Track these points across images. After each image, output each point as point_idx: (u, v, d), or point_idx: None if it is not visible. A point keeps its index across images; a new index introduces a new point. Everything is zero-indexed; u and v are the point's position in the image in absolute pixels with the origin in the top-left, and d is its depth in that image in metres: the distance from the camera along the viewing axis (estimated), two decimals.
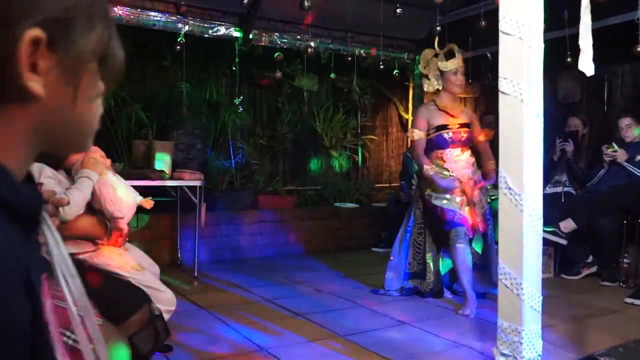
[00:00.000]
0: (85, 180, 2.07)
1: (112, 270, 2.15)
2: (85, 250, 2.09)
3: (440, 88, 3.87)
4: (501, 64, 2.53)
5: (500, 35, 2.52)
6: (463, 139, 3.85)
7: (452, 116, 3.85)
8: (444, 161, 3.82)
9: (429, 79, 3.91)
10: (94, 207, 2.12)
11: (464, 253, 3.67)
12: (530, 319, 2.43)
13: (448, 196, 3.71)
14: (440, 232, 3.87)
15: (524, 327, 2.41)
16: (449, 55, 3.85)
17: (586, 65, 2.48)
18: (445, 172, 3.78)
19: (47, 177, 1.98)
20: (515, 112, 2.46)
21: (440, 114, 3.86)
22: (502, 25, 2.50)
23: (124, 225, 2.15)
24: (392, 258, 4.17)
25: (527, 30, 2.43)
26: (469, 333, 3.23)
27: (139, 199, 2.30)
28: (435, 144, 3.86)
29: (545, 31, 2.79)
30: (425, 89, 4.01)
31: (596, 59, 2.53)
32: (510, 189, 2.44)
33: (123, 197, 2.15)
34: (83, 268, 1.96)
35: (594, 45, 2.53)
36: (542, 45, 2.48)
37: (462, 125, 3.87)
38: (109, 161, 2.29)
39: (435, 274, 4.07)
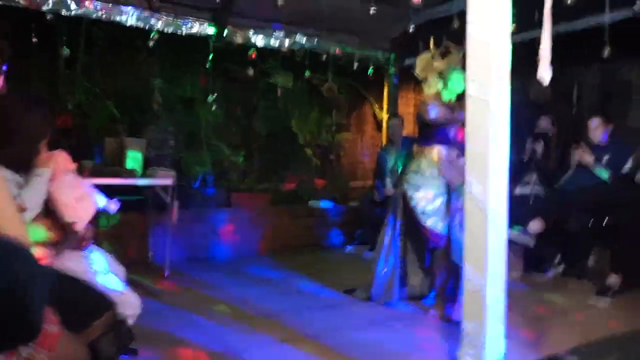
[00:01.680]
0: (35, 177, 2.05)
1: (74, 274, 2.12)
2: (46, 254, 2.06)
3: (442, 88, 3.65)
4: (468, 66, 2.55)
5: (468, 37, 2.53)
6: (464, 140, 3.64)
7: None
8: (439, 158, 3.58)
9: (427, 81, 3.70)
10: (49, 208, 2.09)
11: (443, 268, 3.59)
12: (494, 320, 2.46)
13: (434, 217, 3.52)
14: (422, 244, 3.72)
15: (488, 328, 2.44)
16: (445, 54, 3.66)
17: (544, 71, 2.50)
18: (435, 171, 3.55)
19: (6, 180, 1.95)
20: (482, 115, 2.48)
21: (446, 109, 3.59)
22: (470, 27, 2.51)
23: (79, 228, 2.12)
24: (386, 269, 3.80)
25: (494, 32, 2.45)
26: (438, 334, 3.26)
27: (102, 201, 2.27)
28: (436, 137, 3.58)
29: (516, 32, 2.80)
30: (425, 92, 3.72)
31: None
32: (475, 192, 2.46)
33: (80, 200, 2.11)
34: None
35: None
36: (509, 47, 2.50)
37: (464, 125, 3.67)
38: (74, 165, 2.25)
39: (419, 280, 3.93)
